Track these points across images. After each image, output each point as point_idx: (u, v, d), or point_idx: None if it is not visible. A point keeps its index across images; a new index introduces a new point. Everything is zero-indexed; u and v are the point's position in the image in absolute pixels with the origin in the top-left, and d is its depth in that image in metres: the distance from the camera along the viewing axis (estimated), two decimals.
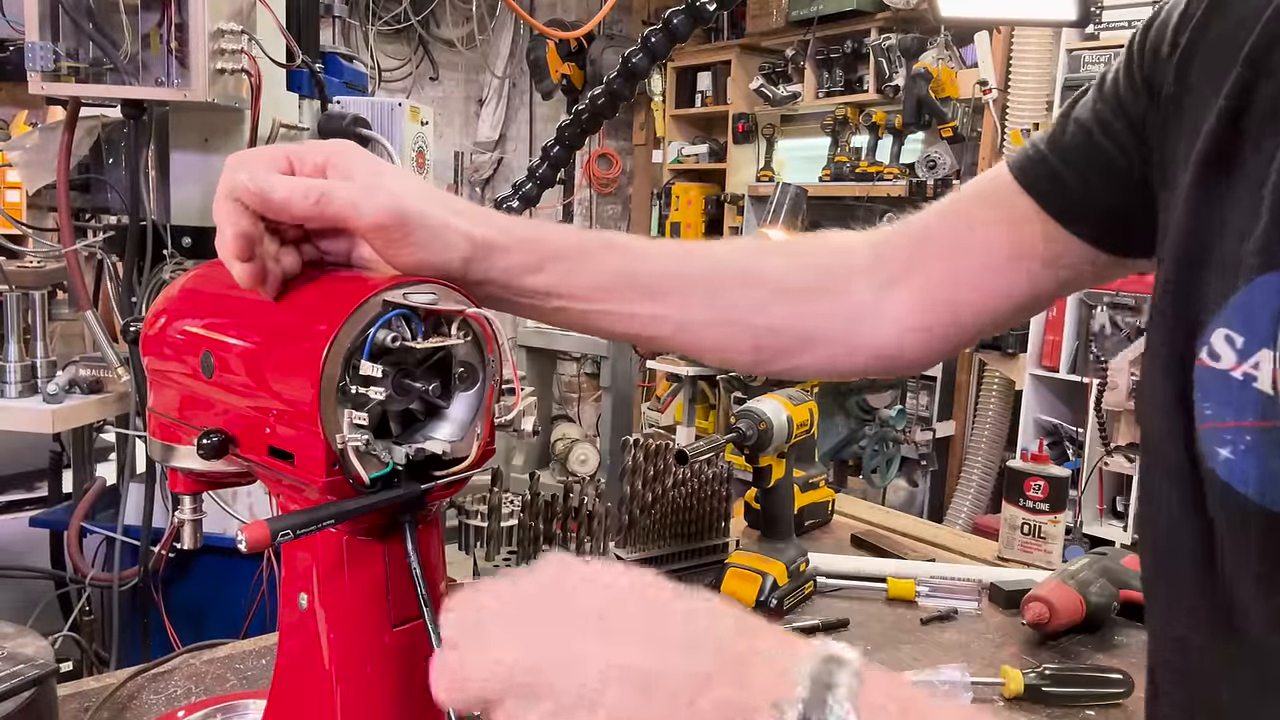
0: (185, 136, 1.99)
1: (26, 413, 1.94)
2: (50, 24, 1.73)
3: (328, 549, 0.64)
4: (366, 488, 0.60)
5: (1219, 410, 0.52)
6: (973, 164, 4.32)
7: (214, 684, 1.01)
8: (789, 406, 1.28)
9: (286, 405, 0.61)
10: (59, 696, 0.88)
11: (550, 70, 5.96)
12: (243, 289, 0.63)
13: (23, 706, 0.76)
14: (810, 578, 1.32)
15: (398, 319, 0.61)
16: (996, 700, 1.06)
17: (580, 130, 1.99)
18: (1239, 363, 0.51)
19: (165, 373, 0.72)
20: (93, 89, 1.79)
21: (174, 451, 0.72)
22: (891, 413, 2.64)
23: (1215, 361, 0.52)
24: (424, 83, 6.51)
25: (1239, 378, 0.51)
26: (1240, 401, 0.51)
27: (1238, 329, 0.51)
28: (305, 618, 0.65)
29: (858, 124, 4.81)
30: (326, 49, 2.41)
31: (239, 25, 1.79)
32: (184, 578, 2.07)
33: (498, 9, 6.34)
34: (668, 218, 5.83)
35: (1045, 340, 3.91)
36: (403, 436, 0.64)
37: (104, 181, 2.08)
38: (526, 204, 2.11)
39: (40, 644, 0.83)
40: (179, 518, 0.72)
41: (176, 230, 1.97)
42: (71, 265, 1.94)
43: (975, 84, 4.09)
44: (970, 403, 4.41)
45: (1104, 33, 3.70)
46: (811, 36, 4.89)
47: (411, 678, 0.65)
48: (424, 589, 0.62)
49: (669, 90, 5.89)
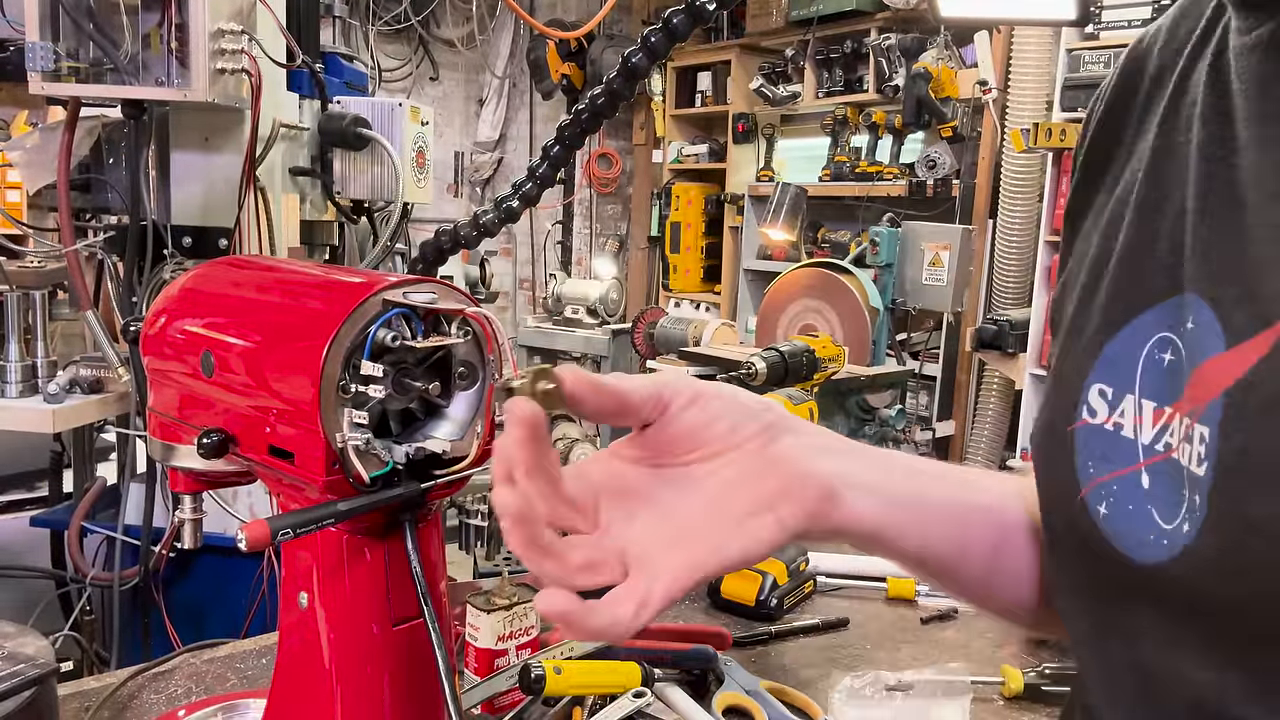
0: (186, 136, 1.99)
1: (27, 412, 1.94)
2: (50, 24, 1.73)
3: (328, 548, 0.64)
4: (367, 487, 0.60)
5: (1099, 466, 0.51)
6: (973, 164, 4.32)
7: (214, 683, 1.01)
8: (789, 406, 1.28)
9: (287, 404, 0.61)
10: (59, 696, 0.88)
11: (550, 70, 5.96)
12: (243, 289, 0.63)
13: (23, 706, 0.76)
14: (810, 577, 1.32)
15: (398, 318, 0.61)
16: (996, 700, 1.06)
17: (580, 130, 1.99)
18: (1109, 415, 0.51)
19: (165, 372, 0.72)
20: (93, 89, 1.79)
21: (174, 451, 0.72)
22: (891, 412, 2.64)
23: (1092, 418, 0.52)
24: (424, 83, 6.51)
25: (1110, 429, 0.51)
26: (1115, 452, 0.51)
27: (1107, 382, 0.52)
28: (305, 617, 0.65)
29: (858, 124, 4.81)
30: (326, 49, 2.41)
31: (239, 25, 1.79)
32: (184, 577, 2.07)
33: (498, 9, 6.34)
34: (668, 218, 5.83)
35: (1045, 340, 3.91)
36: (403, 436, 0.64)
37: (104, 181, 2.08)
38: (526, 204, 2.11)
39: (41, 643, 0.83)
40: (179, 517, 0.72)
41: (177, 230, 1.97)
42: (72, 265, 1.94)
43: (975, 84, 4.09)
44: (970, 402, 4.41)
45: (1104, 32, 3.69)
46: (811, 36, 4.89)
47: (411, 676, 0.65)
48: (424, 588, 0.62)
49: (669, 90, 5.89)
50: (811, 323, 3.29)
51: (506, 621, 0.99)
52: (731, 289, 5.59)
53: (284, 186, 2.12)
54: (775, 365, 1.52)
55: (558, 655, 1.00)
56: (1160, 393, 0.49)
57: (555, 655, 1.00)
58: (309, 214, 2.26)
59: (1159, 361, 0.49)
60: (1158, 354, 0.49)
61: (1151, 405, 0.49)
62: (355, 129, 2.16)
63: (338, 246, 2.44)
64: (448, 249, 2.15)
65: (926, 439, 3.83)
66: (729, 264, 5.68)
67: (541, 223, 6.70)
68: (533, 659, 0.95)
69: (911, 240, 3.56)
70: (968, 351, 4.24)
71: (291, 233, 2.14)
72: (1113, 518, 0.51)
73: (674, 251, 5.85)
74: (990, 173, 4.24)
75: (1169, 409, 0.48)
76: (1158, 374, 0.49)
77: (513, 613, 0.99)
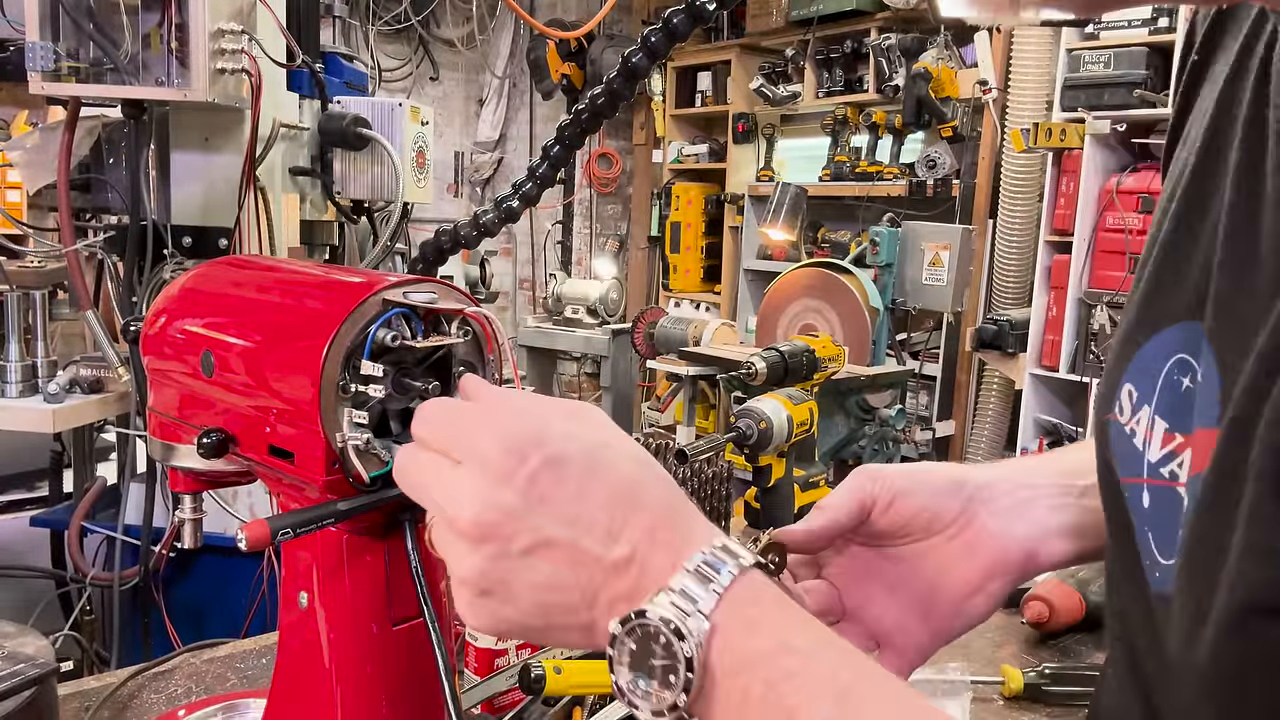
0: (186, 136, 1.99)
1: (27, 412, 1.94)
2: (51, 24, 1.73)
3: (328, 548, 0.64)
4: (366, 486, 0.60)
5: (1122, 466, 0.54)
6: (973, 164, 4.32)
7: (214, 683, 1.01)
8: (789, 406, 1.28)
9: (287, 404, 0.61)
10: (59, 696, 0.88)
11: (550, 70, 5.96)
12: (243, 289, 0.64)
13: (23, 706, 0.76)
14: None
15: (398, 318, 0.61)
16: (996, 700, 1.06)
17: (580, 130, 1.99)
18: (1130, 418, 0.53)
19: (165, 372, 0.72)
20: (93, 89, 1.79)
21: (174, 450, 0.72)
22: (891, 412, 2.64)
23: (1120, 415, 0.55)
24: (424, 83, 6.51)
25: (1128, 432, 0.53)
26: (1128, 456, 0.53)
27: (1135, 384, 0.54)
28: (305, 617, 0.65)
29: (858, 124, 4.81)
30: (326, 49, 2.41)
31: (239, 25, 1.79)
32: (184, 577, 2.07)
33: (498, 9, 6.34)
34: (668, 217, 5.84)
35: (1045, 340, 3.91)
36: (402, 435, 0.64)
37: (104, 181, 2.08)
38: (526, 204, 2.11)
39: (41, 643, 0.83)
40: (179, 517, 0.72)
41: (177, 230, 1.97)
42: (72, 265, 1.94)
43: (975, 84, 4.09)
44: (970, 402, 4.41)
45: (1104, 32, 3.70)
46: (811, 36, 4.89)
47: (411, 676, 0.65)
48: (424, 588, 0.62)
49: (669, 90, 5.89)
50: (811, 323, 3.29)
51: None
52: (731, 289, 5.59)
53: (284, 186, 2.12)
54: (775, 365, 1.52)
55: (558, 655, 1.00)
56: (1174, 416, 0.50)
57: (555, 655, 1.00)
58: (309, 214, 2.26)
59: (1177, 383, 0.50)
60: (1176, 375, 0.50)
61: (1164, 426, 0.50)
62: (355, 129, 2.16)
63: (338, 246, 2.44)
64: (448, 249, 2.15)
65: (926, 439, 3.82)
66: (729, 264, 5.68)
67: (541, 223, 6.70)
68: (533, 659, 0.95)
69: (911, 240, 3.57)
70: (968, 351, 4.25)
71: (291, 233, 2.14)
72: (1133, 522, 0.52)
73: (674, 251, 5.85)
74: (990, 172, 4.24)
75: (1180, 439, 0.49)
76: (1174, 395, 0.50)
77: None
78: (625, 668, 0.44)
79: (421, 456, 0.51)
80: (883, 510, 0.63)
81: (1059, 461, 0.69)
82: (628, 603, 0.45)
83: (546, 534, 0.46)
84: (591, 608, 0.46)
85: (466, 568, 0.47)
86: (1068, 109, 3.73)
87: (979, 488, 0.64)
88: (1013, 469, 0.67)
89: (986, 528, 0.63)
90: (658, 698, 0.43)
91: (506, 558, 0.46)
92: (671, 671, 0.43)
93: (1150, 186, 3.56)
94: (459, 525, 0.47)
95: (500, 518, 0.46)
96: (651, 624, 0.43)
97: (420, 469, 0.51)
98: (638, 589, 0.45)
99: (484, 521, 0.46)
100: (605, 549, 0.45)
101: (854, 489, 0.63)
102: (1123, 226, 3.61)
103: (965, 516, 0.63)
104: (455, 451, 0.49)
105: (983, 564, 0.63)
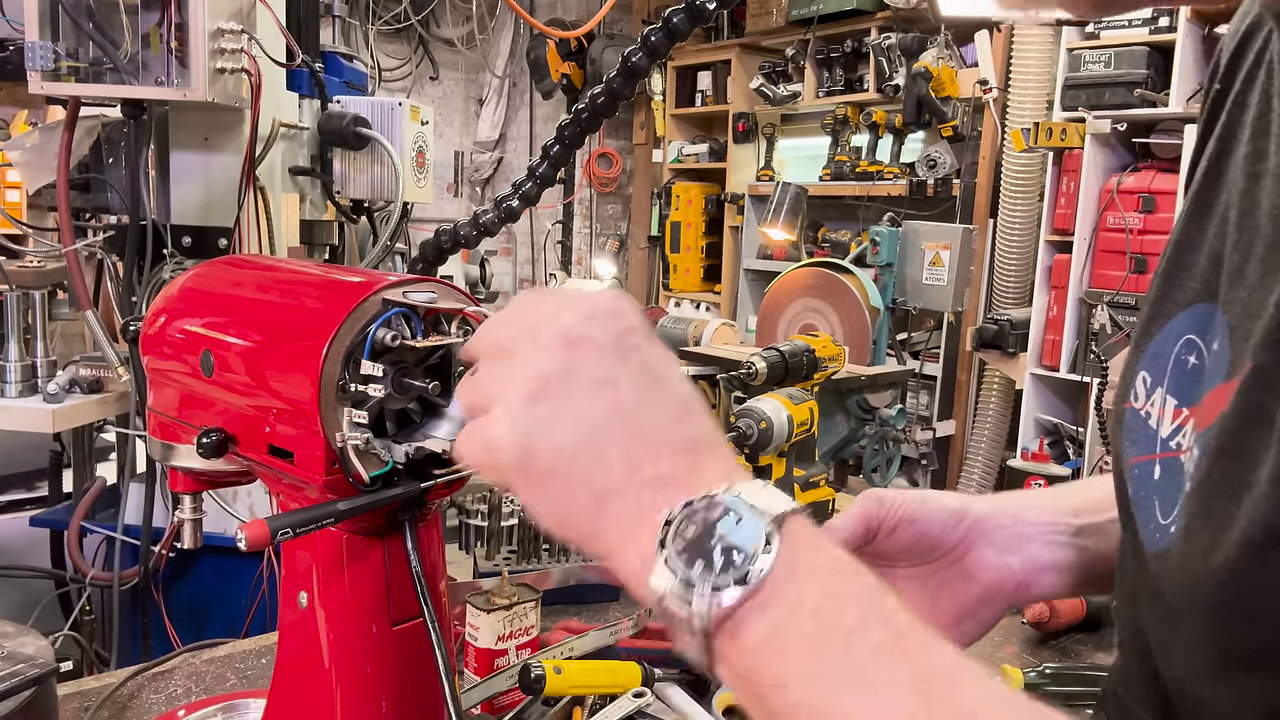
0: (185, 136, 1.99)
1: (27, 412, 1.94)
2: (50, 24, 1.73)
3: (328, 548, 0.64)
4: (366, 486, 0.60)
5: (1132, 447, 0.57)
6: (973, 163, 4.32)
7: (214, 683, 1.01)
8: (789, 406, 1.28)
9: (286, 404, 0.61)
10: (59, 696, 0.88)
11: (550, 70, 5.95)
12: (242, 288, 0.63)
13: (23, 706, 0.76)
14: None
15: (397, 317, 0.61)
16: None
17: (580, 129, 1.98)
18: (1144, 402, 0.56)
19: (165, 372, 0.72)
20: (93, 89, 1.78)
21: (174, 450, 0.72)
22: (892, 412, 2.64)
23: (1135, 402, 0.58)
24: (424, 82, 6.51)
25: (1143, 415, 0.56)
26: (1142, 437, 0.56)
27: (1149, 371, 0.57)
28: (305, 617, 0.65)
29: (858, 123, 4.81)
30: (326, 48, 2.41)
31: (239, 25, 1.78)
32: (184, 577, 2.07)
33: (498, 9, 6.34)
34: (668, 217, 5.83)
35: (1045, 340, 3.91)
36: (402, 435, 0.64)
37: (104, 181, 2.08)
38: (526, 203, 2.10)
39: (40, 643, 0.83)
40: (179, 517, 0.72)
41: (176, 230, 1.97)
42: (71, 265, 1.93)
43: (975, 83, 4.09)
44: (970, 402, 4.41)
45: (1104, 31, 3.69)
46: (811, 36, 4.89)
47: (411, 676, 0.65)
48: (424, 588, 0.62)
49: (669, 90, 5.89)
50: (812, 322, 3.29)
51: (506, 621, 0.99)
52: (731, 289, 5.59)
53: (284, 186, 2.12)
54: (775, 365, 1.52)
55: (558, 655, 1.00)
56: (1182, 393, 0.53)
57: (555, 655, 1.00)
58: (309, 214, 2.26)
59: (1184, 362, 0.53)
60: (1184, 355, 0.53)
61: (1174, 403, 0.53)
62: (355, 129, 2.16)
63: (338, 246, 2.44)
64: (448, 248, 2.14)
65: (926, 439, 3.83)
66: (729, 264, 5.68)
67: (541, 222, 6.70)
68: (533, 659, 0.95)
69: (912, 240, 3.56)
70: (968, 351, 4.24)
71: (291, 232, 2.14)
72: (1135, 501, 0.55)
73: (674, 251, 5.85)
74: (991, 172, 4.24)
75: (1187, 411, 0.52)
76: (1183, 373, 0.53)
77: (512, 612, 0.99)
78: (675, 553, 0.41)
79: (484, 366, 0.47)
80: (887, 534, 0.65)
81: (1058, 499, 0.72)
82: (675, 488, 0.42)
83: (622, 387, 0.44)
84: (628, 477, 0.43)
85: (536, 364, 0.44)
86: (1068, 108, 3.73)
87: (978, 519, 0.67)
88: (1013, 503, 0.70)
89: (984, 557, 0.67)
90: (710, 597, 0.40)
91: (575, 376, 0.44)
92: (730, 565, 0.40)
93: (1151, 186, 3.56)
94: (542, 338, 0.44)
95: (588, 339, 0.44)
96: (724, 505, 0.41)
97: (492, 368, 0.47)
98: (687, 482, 0.42)
99: (573, 335, 0.44)
100: (668, 429, 0.44)
101: (861, 513, 0.65)
102: (1123, 226, 3.60)
103: (964, 545, 0.67)
104: (530, 336, 0.45)
105: (978, 591, 0.67)
